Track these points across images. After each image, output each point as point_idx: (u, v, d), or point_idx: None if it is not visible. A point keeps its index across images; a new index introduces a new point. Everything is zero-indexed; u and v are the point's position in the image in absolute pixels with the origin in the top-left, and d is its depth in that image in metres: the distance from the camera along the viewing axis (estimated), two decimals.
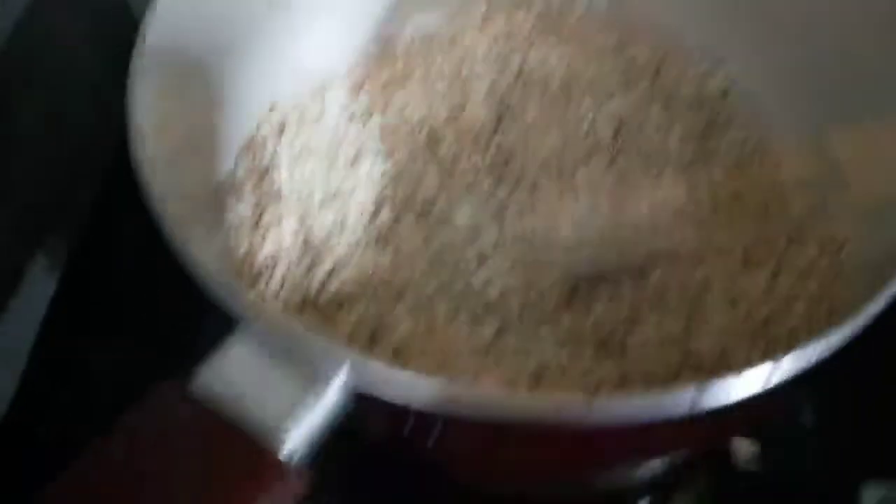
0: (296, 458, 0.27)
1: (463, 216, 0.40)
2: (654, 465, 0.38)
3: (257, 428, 0.26)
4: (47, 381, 0.47)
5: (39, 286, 0.49)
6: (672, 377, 0.34)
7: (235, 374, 0.27)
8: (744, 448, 0.39)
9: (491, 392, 0.29)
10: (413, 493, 0.38)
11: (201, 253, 0.29)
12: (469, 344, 0.35)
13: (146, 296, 0.48)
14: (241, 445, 0.26)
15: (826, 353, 0.28)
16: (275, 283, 0.36)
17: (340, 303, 0.36)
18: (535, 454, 0.31)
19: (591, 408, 0.24)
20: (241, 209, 0.38)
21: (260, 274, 0.36)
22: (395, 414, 0.28)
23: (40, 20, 0.48)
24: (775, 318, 0.36)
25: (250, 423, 0.26)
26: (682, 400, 0.26)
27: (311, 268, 0.37)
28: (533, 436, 0.28)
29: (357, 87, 0.46)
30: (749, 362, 0.27)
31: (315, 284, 0.36)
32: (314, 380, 0.27)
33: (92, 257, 0.51)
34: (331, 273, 0.37)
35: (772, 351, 0.29)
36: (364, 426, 0.30)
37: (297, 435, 0.27)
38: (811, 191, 0.40)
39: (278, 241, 0.37)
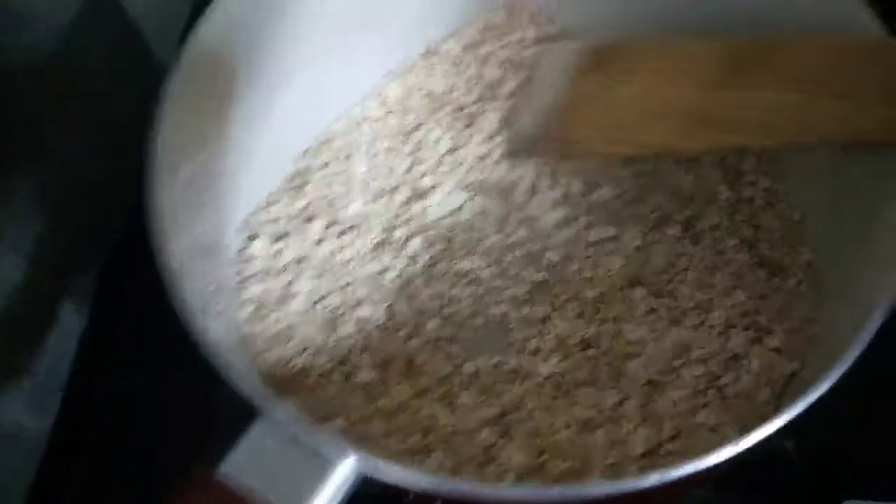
0: None
1: None
2: None
3: None
4: (83, 416, 0.50)
5: (69, 323, 0.51)
6: None
7: (258, 460, 0.32)
8: None
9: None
10: None
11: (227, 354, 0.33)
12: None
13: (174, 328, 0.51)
14: None
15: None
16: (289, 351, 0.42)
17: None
18: None
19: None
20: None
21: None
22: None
23: (70, 60, 0.49)
24: None
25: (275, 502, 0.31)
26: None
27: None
28: None
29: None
30: None
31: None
32: (325, 462, 0.32)
33: (118, 293, 0.53)
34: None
35: None
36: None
37: None
38: None
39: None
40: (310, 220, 0.46)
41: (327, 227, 0.45)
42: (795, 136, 0.41)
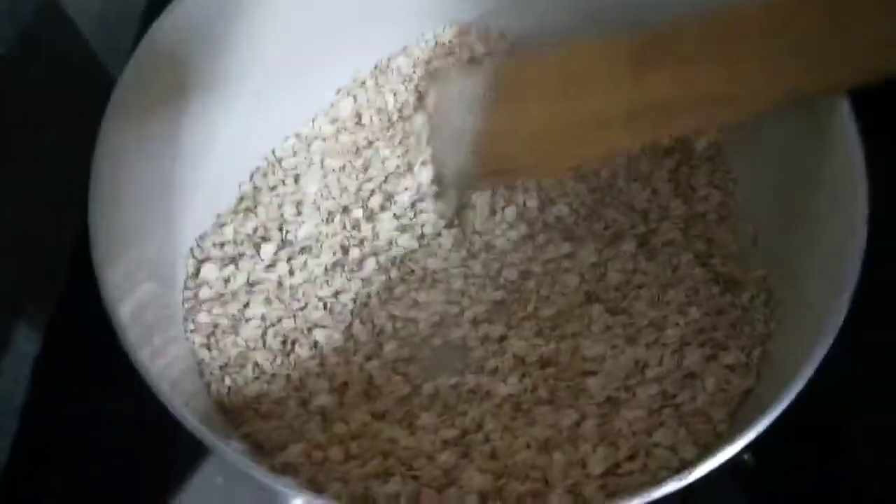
0: None
1: None
2: None
3: None
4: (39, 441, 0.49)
5: (23, 346, 0.50)
6: None
7: (209, 497, 0.32)
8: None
9: None
10: None
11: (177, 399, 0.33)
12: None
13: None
14: None
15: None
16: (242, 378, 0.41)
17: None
18: None
19: None
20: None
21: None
22: None
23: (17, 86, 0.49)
24: None
25: None
26: None
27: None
28: None
29: None
30: None
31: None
32: (275, 499, 0.32)
33: (72, 316, 0.52)
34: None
35: None
36: None
37: None
38: None
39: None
40: (261, 243, 0.45)
41: (279, 249, 0.45)
42: (732, 110, 0.40)
